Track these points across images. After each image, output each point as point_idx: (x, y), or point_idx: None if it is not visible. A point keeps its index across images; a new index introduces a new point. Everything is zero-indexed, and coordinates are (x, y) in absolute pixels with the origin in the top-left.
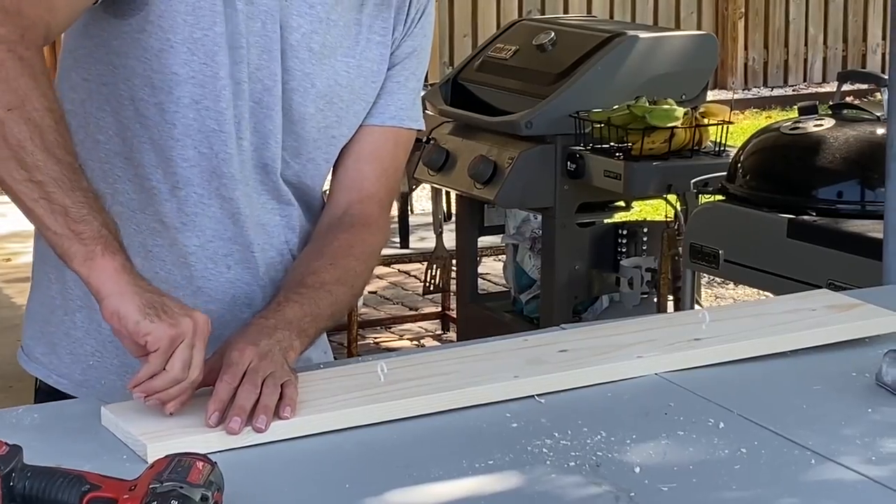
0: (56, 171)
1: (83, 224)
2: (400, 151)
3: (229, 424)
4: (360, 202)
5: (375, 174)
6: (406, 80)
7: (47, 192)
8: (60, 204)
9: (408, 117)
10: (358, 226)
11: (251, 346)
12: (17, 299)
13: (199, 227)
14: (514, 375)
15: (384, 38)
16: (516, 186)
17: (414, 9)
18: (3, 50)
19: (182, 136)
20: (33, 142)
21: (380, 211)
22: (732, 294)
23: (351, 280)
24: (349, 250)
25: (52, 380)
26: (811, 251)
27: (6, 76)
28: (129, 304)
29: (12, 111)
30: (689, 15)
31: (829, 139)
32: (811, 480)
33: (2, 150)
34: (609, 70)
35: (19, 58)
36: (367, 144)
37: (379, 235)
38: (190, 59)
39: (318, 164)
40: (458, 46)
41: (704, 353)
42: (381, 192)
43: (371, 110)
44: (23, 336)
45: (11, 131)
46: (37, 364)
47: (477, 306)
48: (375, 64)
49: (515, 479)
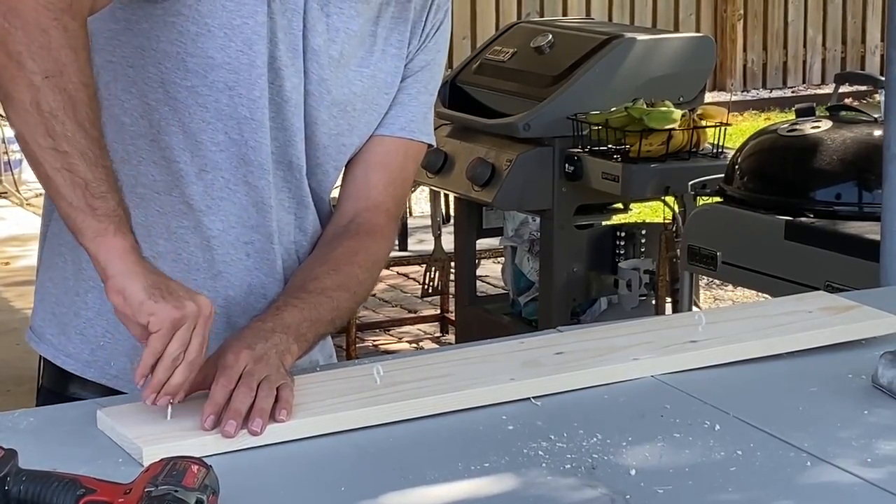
0: (83, 145)
1: (100, 200)
2: (409, 163)
3: (224, 427)
4: (367, 210)
5: (383, 183)
6: (418, 94)
7: (71, 163)
8: (82, 177)
9: (418, 130)
10: (363, 234)
11: (247, 349)
12: (15, 303)
13: (224, 211)
14: (510, 378)
15: (399, 51)
16: (514, 188)
17: (430, 24)
18: (49, 17)
19: (214, 121)
20: (65, 112)
21: (386, 220)
22: (731, 296)
23: (353, 286)
24: (353, 257)
25: (60, 360)
26: (809, 253)
27: (48, 44)
28: (134, 284)
29: (49, 79)
30: (688, 17)
31: (827, 141)
32: (807, 482)
33: (33, 116)
34: (607, 72)
35: (64, 27)
36: (377, 154)
37: (384, 244)
38: (227, 44)
39: (327, 171)
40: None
41: (701, 355)
42: (388, 201)
43: (382, 120)
44: (32, 316)
45: (46, 98)
46: (46, 344)
47: (476, 309)
48: (389, 76)
49: (511, 482)
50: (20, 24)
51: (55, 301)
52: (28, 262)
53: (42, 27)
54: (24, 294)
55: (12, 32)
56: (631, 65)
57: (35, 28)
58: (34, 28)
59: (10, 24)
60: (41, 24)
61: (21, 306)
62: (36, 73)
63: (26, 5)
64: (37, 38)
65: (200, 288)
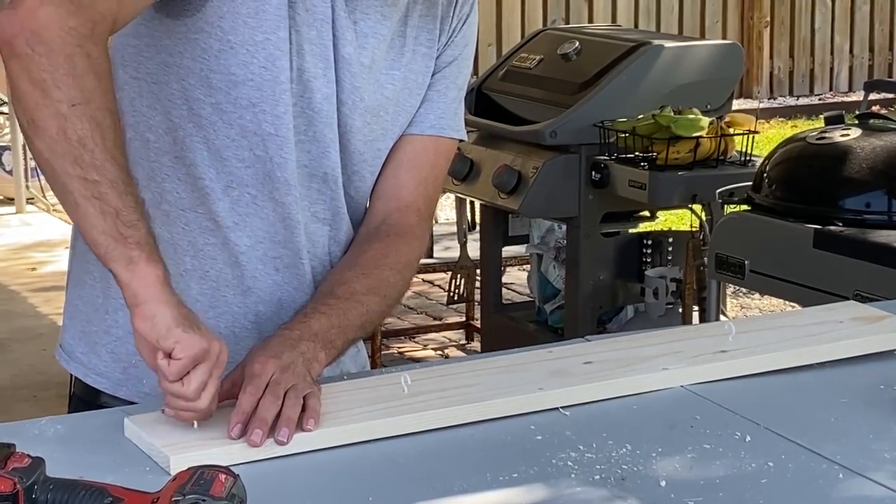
0: (113, 173)
1: (132, 229)
2: (440, 160)
3: (250, 437)
4: (398, 211)
5: (414, 183)
6: (447, 89)
7: (101, 192)
8: (113, 206)
9: (448, 126)
10: (394, 235)
11: (273, 358)
12: (42, 308)
13: (251, 227)
14: (538, 387)
15: (430, 50)
16: (540, 196)
17: (456, 18)
18: (72, 44)
19: (238, 137)
20: (94, 140)
21: (418, 220)
22: (758, 304)
23: (384, 290)
24: (382, 260)
25: (91, 378)
26: (838, 262)
27: (73, 71)
28: (165, 311)
29: (76, 107)
30: (714, 24)
31: (856, 149)
32: (839, 495)
33: (61, 145)
34: (634, 79)
35: (87, 54)
36: (406, 153)
37: (416, 245)
38: (250, 60)
39: (364, 177)
40: (483, 56)
41: (731, 365)
42: (419, 200)
43: (411, 119)
44: (62, 334)
45: (74, 127)
46: (76, 363)
47: (501, 316)
48: (420, 76)
49: (540, 493)
50: (44, 50)
51: (85, 319)
52: (55, 268)
53: (67, 54)
54: (50, 300)
55: (36, 60)
56: (658, 72)
57: (60, 55)
58: (59, 55)
59: (34, 50)
60: (66, 51)
61: (48, 311)
62: (62, 101)
63: (51, 32)
64: (61, 66)
65: (230, 305)
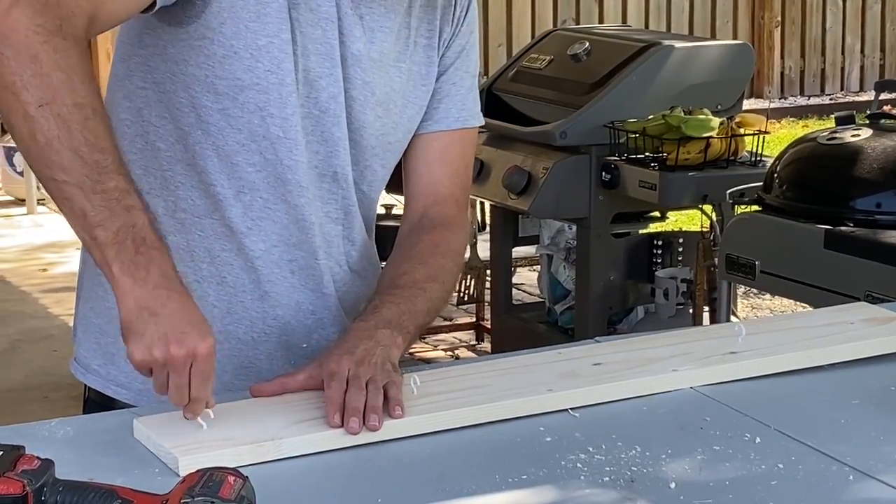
0: (79, 173)
1: (99, 229)
2: (468, 149)
3: (349, 425)
4: (437, 205)
5: (448, 177)
6: (461, 80)
7: (69, 193)
8: (80, 207)
9: (469, 116)
10: (439, 227)
11: (346, 354)
12: (53, 309)
13: (265, 231)
14: (547, 389)
15: (430, 41)
16: (551, 197)
17: (459, 7)
18: (39, 41)
19: (247, 142)
20: (60, 140)
21: (457, 210)
22: (769, 305)
23: (442, 277)
24: (436, 249)
25: (111, 390)
26: (849, 262)
27: (39, 70)
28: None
29: (42, 107)
30: (725, 24)
31: (867, 149)
32: (849, 497)
33: (32, 149)
34: (644, 80)
35: (54, 49)
36: (436, 151)
37: (460, 233)
38: (254, 65)
39: (376, 171)
40: (493, 56)
41: (741, 366)
42: (455, 191)
43: (434, 116)
44: (76, 347)
45: (41, 128)
46: (94, 375)
47: (511, 317)
48: (423, 67)
49: (549, 495)
50: (12, 53)
51: (99, 331)
52: (65, 269)
53: (32, 53)
54: (61, 300)
55: (5, 63)
56: (669, 72)
57: (26, 56)
58: (25, 56)
59: (3, 53)
60: (31, 51)
61: (59, 312)
62: (30, 102)
63: (17, 32)
64: (28, 67)
65: (248, 310)
